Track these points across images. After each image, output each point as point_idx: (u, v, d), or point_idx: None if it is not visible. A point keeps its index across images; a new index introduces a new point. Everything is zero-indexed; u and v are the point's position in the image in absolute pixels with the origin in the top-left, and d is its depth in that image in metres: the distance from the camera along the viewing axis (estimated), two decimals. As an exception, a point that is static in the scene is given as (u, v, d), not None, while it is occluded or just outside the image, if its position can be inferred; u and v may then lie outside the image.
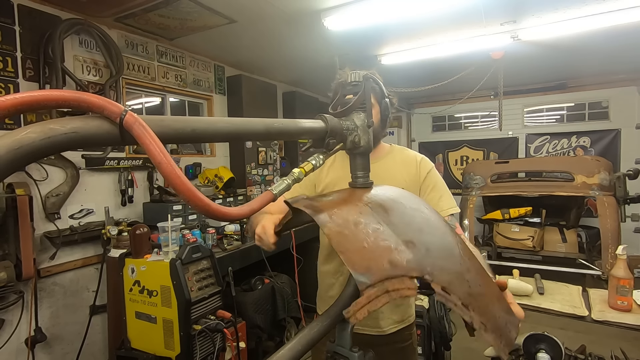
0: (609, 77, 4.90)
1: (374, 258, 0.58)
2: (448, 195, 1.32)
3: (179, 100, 3.61)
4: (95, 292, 2.59)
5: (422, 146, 6.43)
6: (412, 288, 0.55)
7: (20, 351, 2.23)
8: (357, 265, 0.55)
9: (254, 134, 0.63)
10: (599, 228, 3.49)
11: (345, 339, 0.69)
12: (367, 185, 0.80)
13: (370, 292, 0.53)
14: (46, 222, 2.38)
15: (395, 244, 0.61)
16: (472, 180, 4.27)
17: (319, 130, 0.71)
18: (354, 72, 0.83)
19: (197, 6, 2.49)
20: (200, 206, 0.50)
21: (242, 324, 2.38)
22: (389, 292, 0.53)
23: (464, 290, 0.59)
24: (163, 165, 0.46)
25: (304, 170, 0.70)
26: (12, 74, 2.24)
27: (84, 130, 0.42)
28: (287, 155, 4.77)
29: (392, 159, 1.37)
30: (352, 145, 0.77)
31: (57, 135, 0.40)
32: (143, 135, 0.45)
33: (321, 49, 3.46)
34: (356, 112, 0.80)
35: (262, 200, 0.62)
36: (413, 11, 2.61)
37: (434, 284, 0.56)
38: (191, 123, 0.53)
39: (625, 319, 1.69)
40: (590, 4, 2.63)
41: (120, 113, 0.44)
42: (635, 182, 3.85)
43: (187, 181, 0.48)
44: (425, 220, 0.73)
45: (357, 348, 0.68)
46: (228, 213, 0.54)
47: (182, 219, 2.79)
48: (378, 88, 1.27)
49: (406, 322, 1.39)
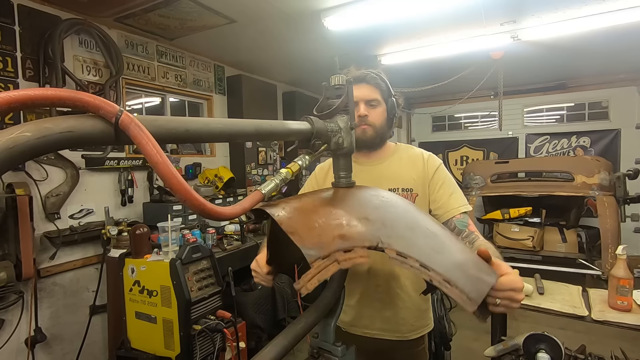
0: (609, 77, 4.90)
1: (324, 234, 0.60)
2: (459, 193, 1.28)
3: (178, 100, 3.61)
4: (95, 292, 2.59)
5: (422, 146, 6.26)
6: (364, 256, 0.57)
7: (20, 351, 2.23)
8: (307, 241, 0.57)
9: (244, 135, 0.65)
10: (599, 228, 3.48)
11: (328, 334, 0.71)
12: (349, 185, 0.82)
13: (319, 262, 0.55)
14: (46, 222, 2.38)
15: (347, 221, 0.63)
16: (472, 180, 4.27)
17: (305, 131, 0.73)
18: (337, 76, 0.84)
19: (197, 6, 2.49)
20: (196, 205, 0.51)
21: (242, 324, 2.38)
22: (338, 261, 0.56)
23: (425, 253, 0.61)
24: (160, 166, 0.47)
25: (291, 171, 0.72)
26: (12, 74, 2.24)
27: (79, 130, 0.42)
28: (287, 155, 4.77)
29: (399, 157, 1.36)
30: (335, 147, 0.79)
31: (52, 134, 0.40)
32: (139, 136, 0.45)
33: (321, 49, 3.46)
34: (340, 115, 0.82)
35: (252, 199, 0.64)
36: (413, 11, 2.61)
37: (388, 250, 0.59)
38: (185, 123, 0.54)
39: (625, 319, 1.69)
40: (590, 4, 2.63)
41: (115, 113, 0.45)
42: (635, 182, 3.84)
43: (182, 181, 0.49)
44: (386, 201, 0.75)
45: (340, 342, 0.70)
46: (222, 212, 0.56)
47: (182, 219, 2.79)
48: (385, 87, 1.28)
49: (426, 329, 1.37)
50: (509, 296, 0.71)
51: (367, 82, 1.26)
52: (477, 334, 3.12)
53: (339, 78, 0.84)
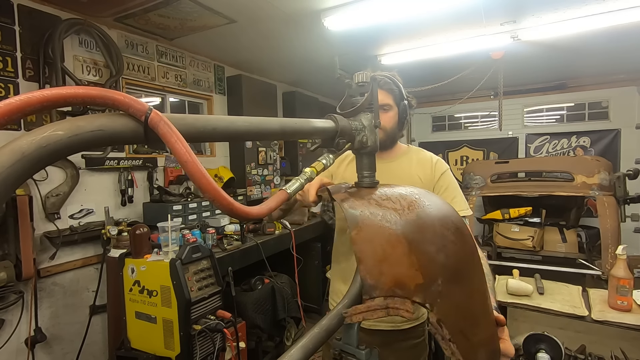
0: (609, 77, 4.90)
1: (387, 272, 0.59)
2: (461, 198, 1.34)
3: (178, 100, 3.61)
4: (95, 292, 2.59)
5: (422, 146, 6.28)
6: (410, 312, 0.57)
7: (20, 351, 2.23)
8: (370, 275, 0.57)
9: (270, 134, 0.64)
10: (599, 228, 3.48)
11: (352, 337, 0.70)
12: (373, 184, 0.80)
13: (371, 303, 0.55)
14: (46, 222, 2.38)
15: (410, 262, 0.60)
16: (472, 180, 4.27)
17: (330, 130, 0.72)
18: (361, 73, 0.82)
19: (197, 6, 2.49)
20: (225, 205, 0.52)
21: (242, 324, 2.38)
22: (388, 309, 0.56)
23: (458, 327, 0.61)
24: (189, 165, 0.46)
25: (315, 170, 0.72)
26: (12, 74, 2.24)
27: (110, 128, 0.42)
28: (287, 155, 4.77)
29: (409, 158, 1.41)
30: (359, 145, 0.78)
31: (84, 132, 0.40)
32: (169, 134, 0.45)
33: (321, 49, 3.46)
34: (364, 113, 0.80)
35: (277, 199, 0.64)
36: (413, 11, 2.61)
37: (432, 314, 0.59)
38: (212, 122, 0.53)
39: (625, 319, 1.69)
40: (590, 4, 2.63)
41: (145, 111, 0.44)
42: (635, 182, 3.85)
43: (212, 180, 0.49)
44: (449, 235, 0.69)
45: (364, 346, 0.69)
46: (250, 212, 0.56)
47: (182, 219, 2.79)
48: (397, 90, 1.32)
49: (420, 319, 1.41)
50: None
51: (380, 87, 1.29)
52: None
53: (363, 75, 0.82)
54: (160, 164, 3.14)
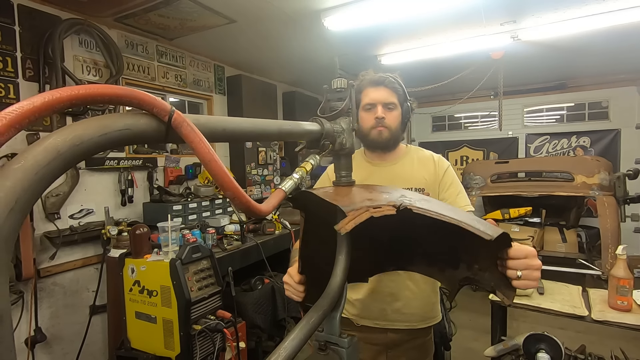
0: (609, 77, 4.91)
1: (356, 200, 0.73)
2: (464, 193, 1.37)
3: (178, 100, 3.61)
4: (95, 292, 2.59)
5: (422, 146, 6.27)
6: (391, 210, 0.65)
7: (20, 351, 2.23)
8: (342, 203, 0.67)
9: (270, 135, 0.69)
10: (599, 228, 3.49)
11: (334, 327, 0.75)
12: (350, 184, 0.88)
13: (354, 212, 0.63)
14: (46, 222, 2.38)
15: (374, 195, 0.75)
16: (472, 180, 4.27)
17: (316, 132, 0.77)
18: (338, 79, 0.87)
19: (197, 6, 2.49)
20: (243, 202, 0.55)
21: (242, 324, 2.38)
22: (370, 210, 0.64)
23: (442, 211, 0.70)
24: (212, 164, 0.48)
25: (305, 170, 0.77)
26: (12, 74, 2.24)
27: (135, 127, 0.43)
28: (286, 155, 4.77)
29: (410, 159, 1.43)
30: (339, 147, 0.84)
31: (112, 131, 0.41)
32: (192, 134, 0.47)
33: (321, 49, 3.46)
34: (343, 117, 0.85)
35: (277, 197, 0.69)
36: (413, 11, 2.61)
37: (410, 206, 0.67)
38: (222, 123, 0.56)
39: (625, 319, 1.69)
40: (590, 4, 2.63)
41: (169, 111, 0.45)
42: (635, 182, 3.85)
43: (233, 179, 0.52)
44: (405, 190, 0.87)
45: (345, 334, 0.74)
46: (261, 210, 0.61)
47: (182, 219, 2.79)
48: (401, 92, 1.34)
49: (436, 319, 1.43)
50: (527, 265, 0.69)
51: (386, 86, 1.31)
52: (477, 334, 3.12)
53: (340, 81, 0.87)
54: (160, 164, 3.14)
